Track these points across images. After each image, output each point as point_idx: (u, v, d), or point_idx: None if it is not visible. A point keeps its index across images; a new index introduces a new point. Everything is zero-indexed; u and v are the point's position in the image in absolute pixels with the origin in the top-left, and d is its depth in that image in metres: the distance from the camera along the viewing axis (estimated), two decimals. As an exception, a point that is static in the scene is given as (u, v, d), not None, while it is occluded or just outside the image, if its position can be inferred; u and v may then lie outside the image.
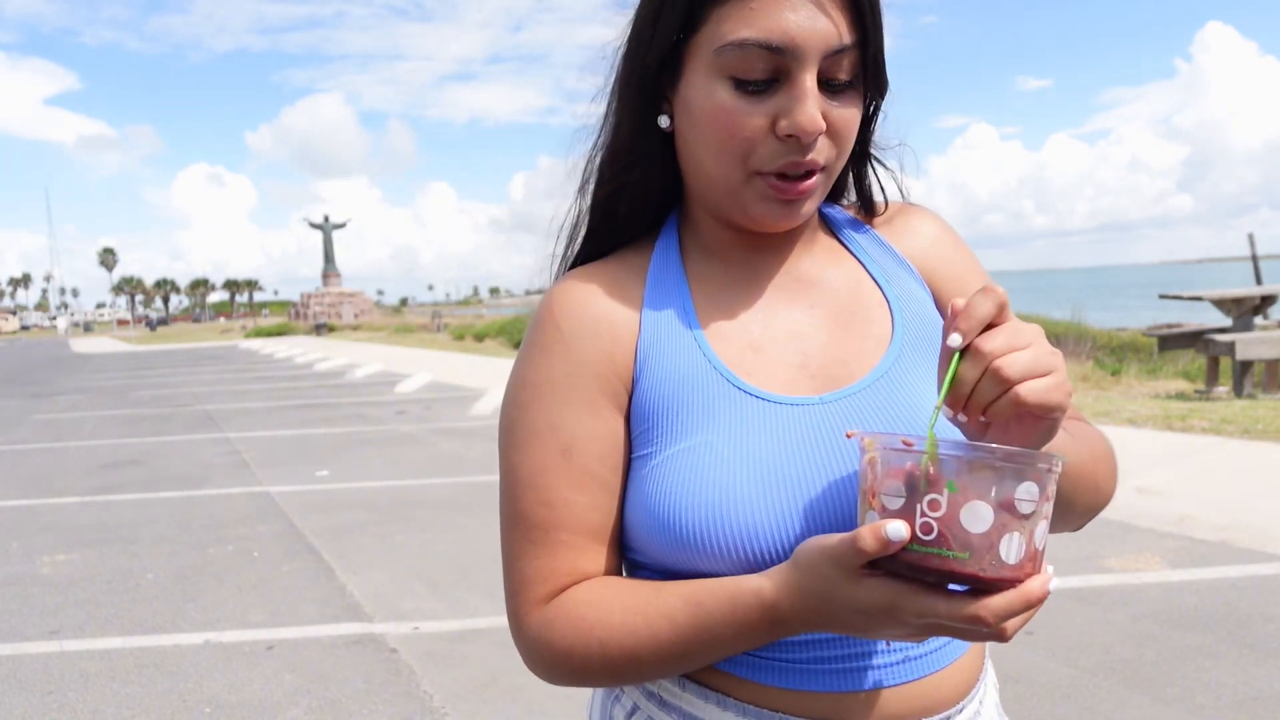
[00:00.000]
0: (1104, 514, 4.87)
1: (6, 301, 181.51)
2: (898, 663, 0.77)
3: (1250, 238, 11.43)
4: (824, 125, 0.75)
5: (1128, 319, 19.59)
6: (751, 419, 0.78)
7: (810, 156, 0.76)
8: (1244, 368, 8.54)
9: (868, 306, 0.86)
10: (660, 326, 0.83)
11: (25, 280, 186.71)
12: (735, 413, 0.78)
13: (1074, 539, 4.48)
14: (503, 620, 1.09)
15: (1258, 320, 9.70)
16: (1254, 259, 11.31)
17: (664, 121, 0.83)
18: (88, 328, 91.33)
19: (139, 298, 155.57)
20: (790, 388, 0.80)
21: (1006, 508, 0.57)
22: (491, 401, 10.77)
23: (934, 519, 0.57)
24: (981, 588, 0.58)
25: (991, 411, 0.63)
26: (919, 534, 0.58)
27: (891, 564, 0.60)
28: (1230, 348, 8.44)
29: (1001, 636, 0.60)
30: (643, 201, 0.88)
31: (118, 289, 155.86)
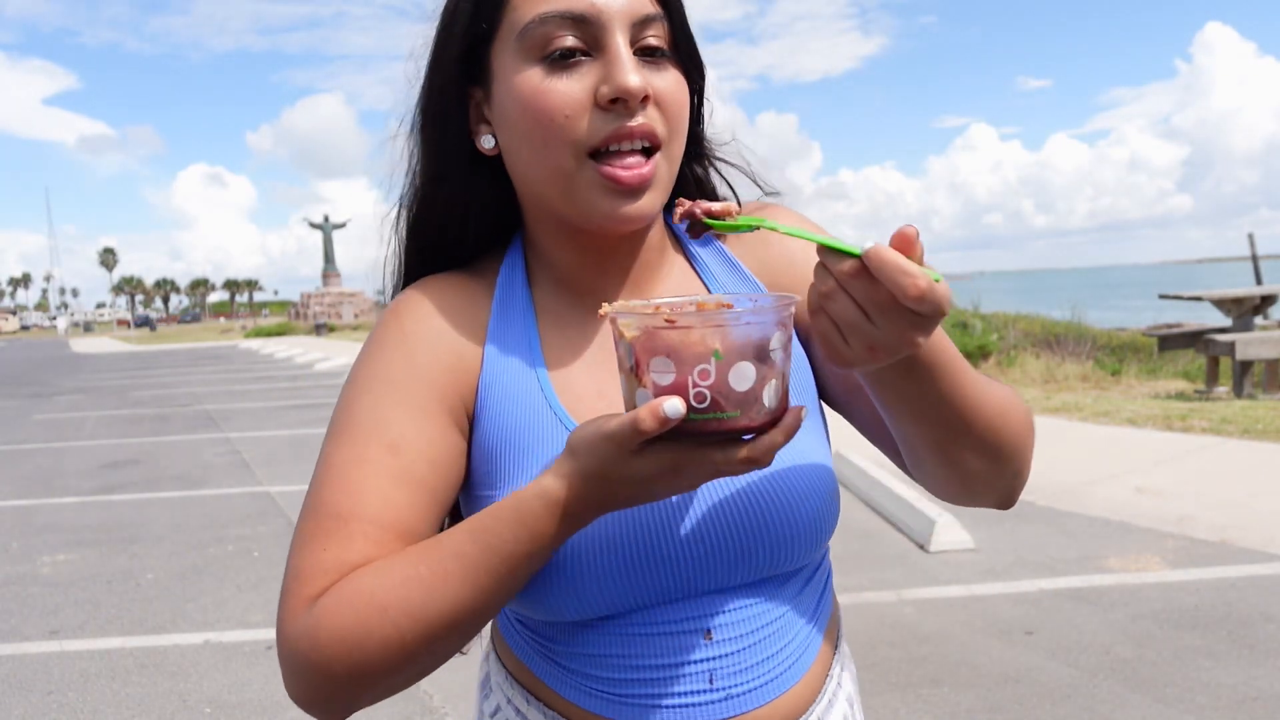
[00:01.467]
0: (1104, 514, 4.90)
1: (6, 301, 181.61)
2: (743, 693, 0.76)
3: (1250, 238, 11.43)
4: (648, 87, 0.71)
5: (1128, 319, 19.60)
6: None
7: (640, 121, 0.71)
8: (1244, 368, 8.55)
9: None
10: (504, 364, 0.79)
11: (25, 280, 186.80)
12: None
13: (1074, 539, 4.49)
14: (503, 620, 1.09)
15: (1258, 320, 9.70)
16: (1254, 259, 11.30)
17: (487, 141, 0.79)
18: (88, 327, 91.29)
19: (139, 298, 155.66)
20: None
21: (763, 360, 0.60)
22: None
23: (705, 388, 0.60)
24: (751, 434, 0.62)
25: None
26: (693, 404, 0.59)
27: (669, 434, 0.61)
28: (1230, 348, 8.44)
29: (765, 465, 0.62)
30: (465, 229, 0.84)
31: (118, 289, 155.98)
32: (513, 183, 0.81)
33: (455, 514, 0.86)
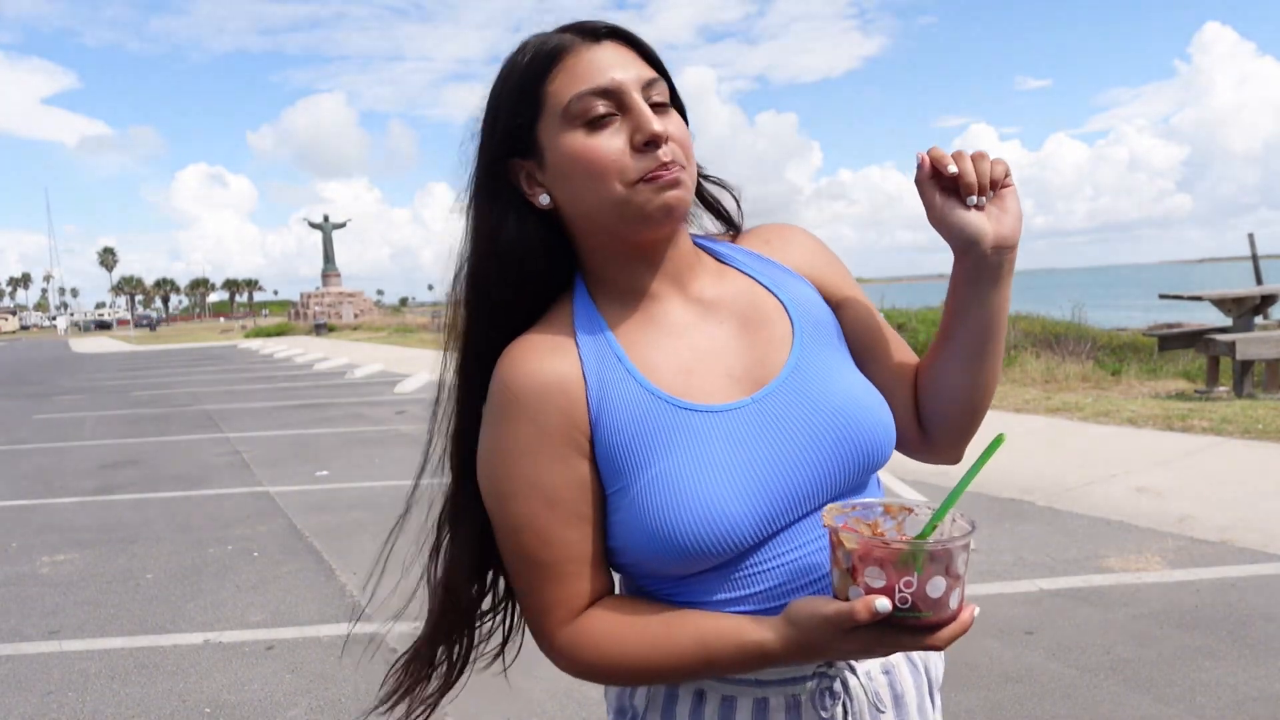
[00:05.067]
0: (1104, 514, 4.90)
1: (6, 301, 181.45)
2: None
3: (1250, 238, 11.42)
4: (666, 131, 0.91)
5: (1128, 319, 19.58)
6: (700, 431, 0.91)
7: (669, 159, 0.91)
8: (1244, 368, 8.54)
9: (766, 311, 1.01)
10: (602, 376, 0.94)
11: (25, 280, 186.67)
12: (687, 430, 0.91)
13: (1074, 539, 4.49)
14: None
15: (1258, 320, 9.69)
16: (1254, 259, 11.29)
17: (544, 199, 0.96)
18: (86, 327, 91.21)
19: (139, 297, 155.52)
20: (724, 396, 0.95)
21: (952, 575, 0.79)
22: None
23: (909, 594, 0.78)
24: (936, 628, 0.81)
25: (994, 179, 0.94)
26: (898, 605, 0.78)
27: (873, 625, 0.79)
28: (1230, 348, 8.44)
29: (941, 649, 0.81)
30: (523, 273, 0.98)
31: (118, 289, 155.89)
32: (566, 225, 0.98)
33: None
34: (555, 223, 0.98)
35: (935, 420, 1.06)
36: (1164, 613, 3.54)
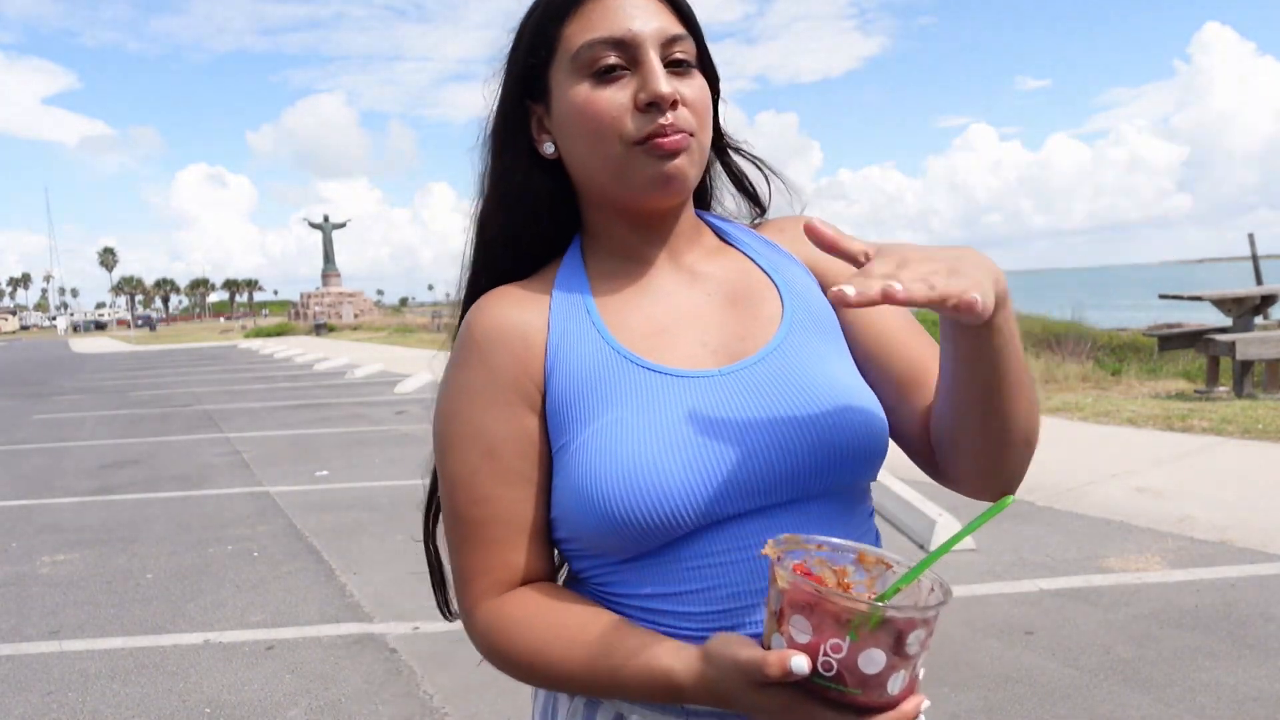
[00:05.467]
0: (1104, 514, 4.90)
1: (6, 301, 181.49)
2: None
3: (1250, 238, 11.42)
4: (676, 93, 0.85)
5: (1128, 319, 19.59)
6: (656, 393, 0.85)
7: (672, 120, 0.85)
8: (1244, 368, 8.54)
9: (758, 290, 0.95)
10: (566, 326, 0.90)
11: (25, 280, 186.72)
12: (641, 389, 0.85)
13: (1074, 539, 4.49)
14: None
15: (1258, 320, 9.69)
16: (1254, 259, 11.30)
17: (549, 147, 0.93)
18: (86, 328, 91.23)
19: (139, 297, 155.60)
20: (692, 363, 0.88)
21: (897, 652, 0.64)
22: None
23: (835, 660, 0.64)
24: (866, 711, 0.67)
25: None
26: (819, 669, 0.65)
27: (789, 685, 0.67)
28: (1230, 348, 8.44)
29: None
30: (536, 227, 0.95)
31: (118, 289, 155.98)
32: (571, 179, 0.94)
33: None
34: (564, 174, 0.94)
35: (947, 455, 0.91)
36: (1164, 613, 3.54)
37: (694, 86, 0.88)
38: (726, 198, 1.05)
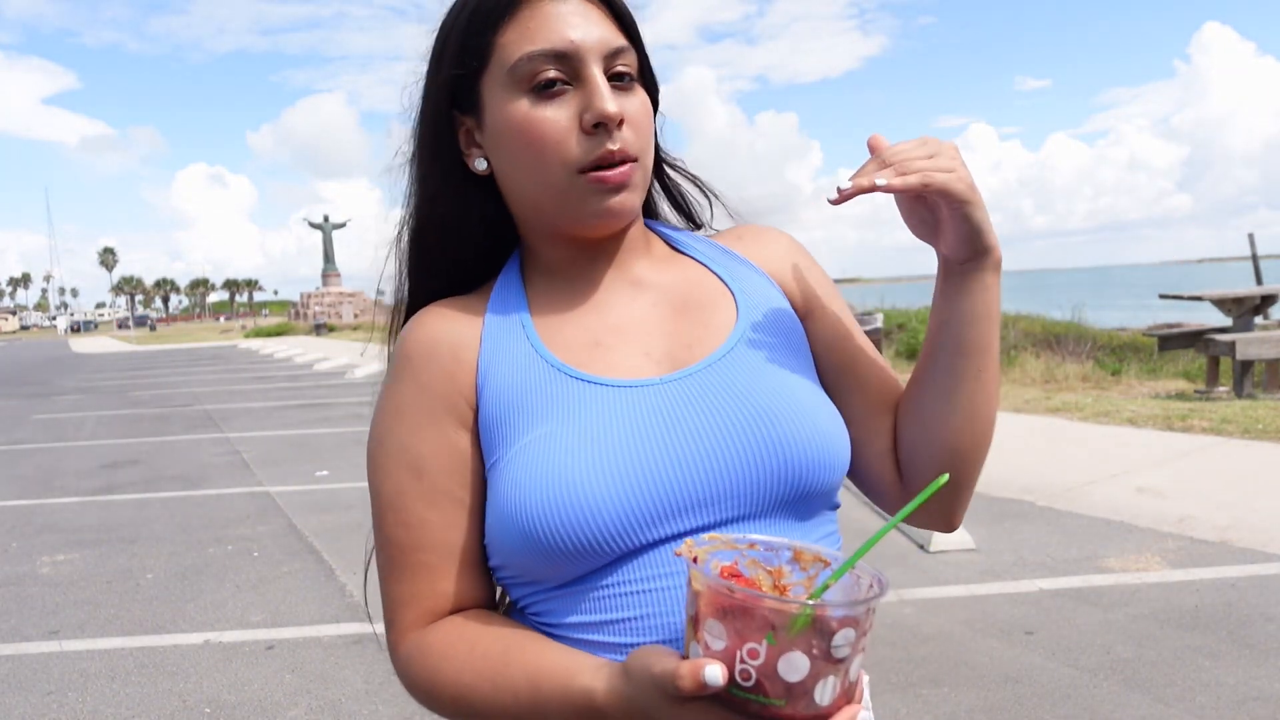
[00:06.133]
0: (1104, 514, 4.89)
1: (6, 301, 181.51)
2: None
3: (1250, 238, 11.42)
4: (622, 111, 0.80)
5: (1128, 319, 19.58)
6: (591, 404, 0.80)
7: (619, 145, 0.80)
8: (1244, 368, 8.54)
9: (711, 297, 0.89)
10: (498, 341, 0.86)
11: (25, 280, 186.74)
12: (575, 401, 0.80)
13: (1074, 539, 4.49)
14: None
15: (1258, 320, 9.69)
16: (1254, 259, 11.30)
17: (480, 164, 0.87)
18: (86, 327, 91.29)
19: (139, 297, 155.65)
20: (633, 373, 0.83)
21: (823, 656, 0.58)
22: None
23: (752, 667, 0.58)
24: None
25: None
26: (737, 679, 0.59)
27: (710, 698, 0.61)
28: (1230, 348, 8.44)
29: None
30: (464, 244, 0.91)
31: (118, 289, 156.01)
32: (505, 198, 0.88)
33: None
34: (497, 190, 0.89)
35: (913, 463, 0.88)
36: (1164, 613, 3.54)
37: (637, 102, 0.83)
38: (665, 208, 1.00)
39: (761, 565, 0.67)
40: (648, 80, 0.87)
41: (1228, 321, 9.67)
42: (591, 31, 0.80)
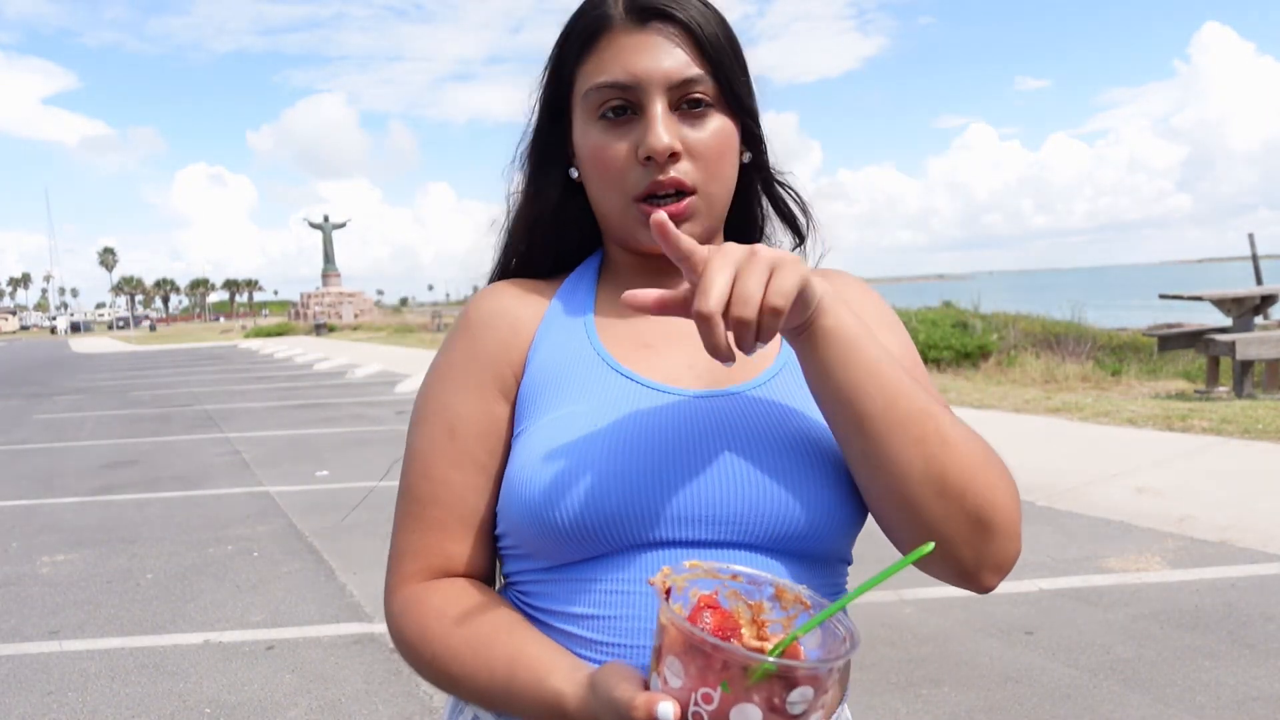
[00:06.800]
0: (1104, 514, 4.89)
1: (6, 301, 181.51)
2: None
3: (1250, 238, 11.43)
4: (676, 145, 0.82)
5: (1128, 319, 19.58)
6: (624, 397, 0.82)
7: (671, 176, 0.83)
8: (1244, 368, 8.55)
9: None
10: (557, 324, 0.90)
11: (25, 280, 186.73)
12: (607, 390, 0.83)
13: (1074, 539, 4.49)
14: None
15: (1258, 320, 9.69)
16: (1254, 259, 11.30)
17: (574, 172, 0.92)
18: (84, 327, 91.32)
19: (139, 297, 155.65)
20: (671, 380, 0.85)
21: (777, 711, 0.57)
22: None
23: (705, 711, 0.58)
24: None
25: (761, 335, 0.66)
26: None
27: None
28: (1230, 348, 8.44)
29: None
30: (562, 244, 0.96)
31: (118, 289, 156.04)
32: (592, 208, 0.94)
33: None
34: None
35: (884, 526, 0.81)
36: (1164, 613, 3.54)
37: (708, 131, 0.84)
38: (778, 229, 1.00)
39: (742, 598, 0.65)
40: (737, 105, 0.87)
41: (1228, 321, 9.67)
42: (661, 63, 0.83)
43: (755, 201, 0.98)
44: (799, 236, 1.00)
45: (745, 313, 0.64)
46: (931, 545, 0.64)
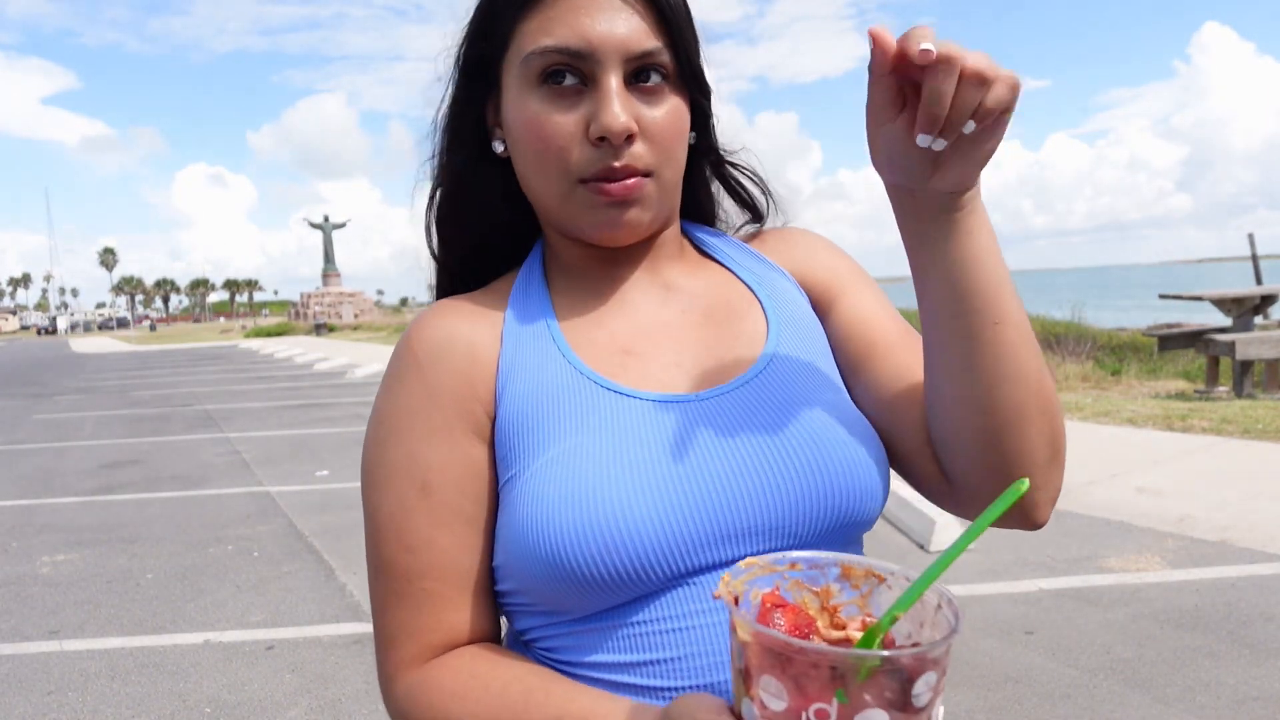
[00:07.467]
0: (1104, 514, 4.89)
1: (6, 301, 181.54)
2: None
3: (1250, 238, 11.43)
4: (632, 125, 0.73)
5: (1128, 319, 19.59)
6: (625, 418, 0.73)
7: (625, 161, 0.74)
8: (1244, 368, 8.54)
9: (740, 305, 0.84)
10: (521, 344, 0.79)
11: (25, 280, 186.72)
12: (607, 414, 0.73)
13: (1074, 539, 4.49)
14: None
15: (1258, 320, 9.69)
16: (1254, 259, 11.31)
17: (498, 146, 0.82)
18: (83, 327, 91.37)
19: (139, 297, 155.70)
20: (666, 386, 0.77)
21: (903, 707, 0.50)
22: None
23: None
24: None
25: (977, 115, 0.59)
26: None
27: None
28: (1230, 348, 8.44)
29: None
30: (485, 220, 0.86)
31: (118, 289, 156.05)
32: (521, 186, 0.84)
33: None
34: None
35: (949, 454, 0.76)
36: (1164, 613, 3.54)
37: (663, 109, 0.76)
38: (731, 209, 0.94)
39: (806, 586, 0.58)
40: (691, 82, 0.79)
41: (1228, 321, 9.67)
42: (616, 29, 0.73)
43: (702, 186, 0.91)
44: (757, 217, 0.93)
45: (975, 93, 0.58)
46: (1026, 482, 0.56)
